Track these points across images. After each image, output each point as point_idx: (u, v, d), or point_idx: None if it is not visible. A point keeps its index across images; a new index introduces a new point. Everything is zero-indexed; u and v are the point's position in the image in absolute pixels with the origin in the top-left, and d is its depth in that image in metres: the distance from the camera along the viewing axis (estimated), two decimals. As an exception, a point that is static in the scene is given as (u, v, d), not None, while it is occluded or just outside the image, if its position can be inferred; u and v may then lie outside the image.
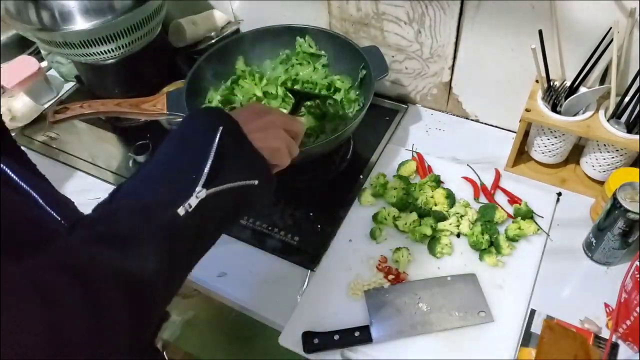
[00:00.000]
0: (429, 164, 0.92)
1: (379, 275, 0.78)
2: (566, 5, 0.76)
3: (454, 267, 0.78)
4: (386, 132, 1.00)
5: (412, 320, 0.72)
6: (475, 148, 0.96)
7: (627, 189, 0.70)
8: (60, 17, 0.88)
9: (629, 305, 0.66)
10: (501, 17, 0.83)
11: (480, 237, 0.79)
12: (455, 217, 0.82)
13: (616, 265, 0.77)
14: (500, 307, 0.73)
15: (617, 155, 0.81)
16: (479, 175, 0.89)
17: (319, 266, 0.80)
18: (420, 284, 0.76)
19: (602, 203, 0.79)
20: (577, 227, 0.82)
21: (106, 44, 0.93)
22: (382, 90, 1.07)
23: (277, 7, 1.05)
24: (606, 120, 0.79)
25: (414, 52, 0.97)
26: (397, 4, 0.90)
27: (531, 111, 0.82)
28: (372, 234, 0.82)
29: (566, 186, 0.88)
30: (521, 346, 0.70)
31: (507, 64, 0.89)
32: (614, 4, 0.73)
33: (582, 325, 0.71)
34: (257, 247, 0.84)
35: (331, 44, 0.96)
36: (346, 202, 0.88)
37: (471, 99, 1.00)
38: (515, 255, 0.79)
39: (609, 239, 0.73)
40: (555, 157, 0.88)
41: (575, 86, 0.81)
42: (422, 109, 1.06)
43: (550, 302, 0.74)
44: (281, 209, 0.89)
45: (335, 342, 0.70)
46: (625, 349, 0.69)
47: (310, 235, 0.85)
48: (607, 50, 0.76)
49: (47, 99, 1.16)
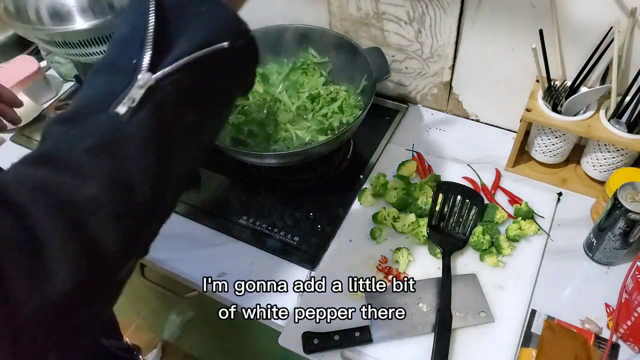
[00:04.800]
0: (429, 164, 0.92)
1: (379, 276, 0.77)
2: (567, 5, 0.76)
3: (454, 268, 0.78)
4: (386, 132, 1.00)
5: (412, 321, 0.72)
6: (476, 148, 0.96)
7: (627, 189, 0.70)
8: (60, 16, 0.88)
9: (630, 305, 0.66)
10: (502, 17, 0.83)
11: (480, 237, 0.78)
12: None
13: (617, 266, 0.77)
14: (501, 307, 0.73)
15: (617, 155, 0.81)
16: (479, 175, 0.89)
17: (319, 266, 0.80)
18: (420, 284, 0.76)
19: (603, 203, 0.78)
20: (578, 227, 0.82)
21: (106, 43, 0.92)
22: (383, 90, 1.07)
23: (277, 6, 1.05)
24: (607, 120, 0.79)
25: (414, 51, 0.96)
26: (397, 4, 0.90)
27: (532, 111, 0.82)
28: (372, 234, 0.82)
29: (567, 186, 0.88)
30: (522, 346, 0.70)
31: (508, 64, 0.89)
32: (615, 4, 0.73)
33: (583, 325, 0.71)
34: (257, 247, 0.84)
35: (332, 45, 0.96)
36: (346, 202, 0.88)
37: (471, 99, 1.00)
38: (516, 255, 0.79)
39: (610, 239, 0.73)
40: (555, 157, 0.88)
41: (575, 86, 0.81)
42: (422, 108, 1.05)
43: (550, 302, 0.74)
44: (281, 209, 0.89)
45: (335, 342, 0.69)
46: (626, 349, 0.69)
47: (310, 235, 0.85)
48: (608, 49, 0.76)
49: (47, 98, 1.16)
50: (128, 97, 0.33)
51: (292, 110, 0.91)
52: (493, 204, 0.84)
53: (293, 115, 0.90)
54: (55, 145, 0.34)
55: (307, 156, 0.83)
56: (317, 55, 0.98)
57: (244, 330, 1.04)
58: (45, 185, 0.31)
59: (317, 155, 0.85)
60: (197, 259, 0.83)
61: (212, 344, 1.35)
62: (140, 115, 0.33)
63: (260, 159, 0.84)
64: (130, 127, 0.33)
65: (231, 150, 0.82)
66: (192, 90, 0.36)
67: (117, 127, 0.33)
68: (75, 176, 0.32)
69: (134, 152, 0.33)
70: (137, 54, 0.34)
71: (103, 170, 0.32)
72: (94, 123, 0.34)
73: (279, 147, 0.88)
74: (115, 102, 0.33)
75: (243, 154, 0.83)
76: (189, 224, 0.88)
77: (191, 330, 1.37)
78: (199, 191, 0.94)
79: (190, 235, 0.86)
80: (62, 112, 0.35)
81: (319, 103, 0.91)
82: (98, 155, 0.33)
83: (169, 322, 1.40)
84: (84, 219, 0.31)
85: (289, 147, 0.87)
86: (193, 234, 0.87)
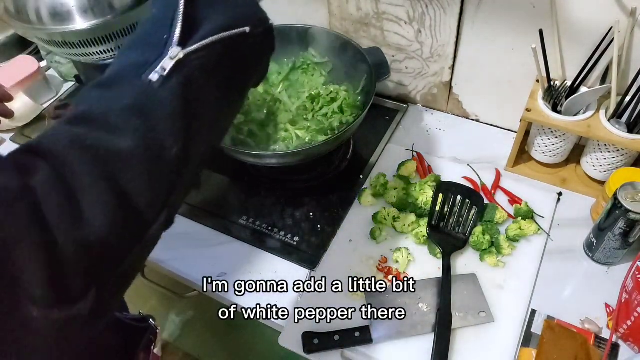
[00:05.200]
0: (429, 164, 0.92)
1: (379, 276, 0.77)
2: (567, 5, 0.76)
3: (454, 268, 0.78)
4: (386, 132, 1.00)
5: (412, 321, 0.72)
6: (476, 148, 0.96)
7: (628, 189, 0.70)
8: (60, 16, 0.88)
9: (630, 305, 0.66)
10: (502, 17, 0.83)
11: (480, 237, 0.78)
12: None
13: (617, 266, 0.77)
14: (501, 307, 0.73)
15: (617, 155, 0.81)
16: (479, 175, 0.89)
17: (319, 266, 0.80)
18: (420, 284, 0.76)
19: (603, 203, 0.78)
20: (578, 227, 0.82)
21: (106, 43, 0.92)
22: (383, 90, 1.07)
23: (277, 6, 1.05)
24: (607, 120, 0.79)
25: (414, 51, 0.96)
26: (397, 4, 0.90)
27: (532, 111, 0.82)
28: (372, 234, 0.82)
29: (567, 186, 0.88)
30: (522, 346, 0.70)
31: (508, 64, 0.89)
32: (615, 4, 0.73)
33: (583, 325, 0.71)
34: (257, 247, 0.84)
35: (332, 45, 0.96)
36: (346, 202, 0.88)
37: (471, 99, 1.00)
38: (516, 255, 0.79)
39: (610, 239, 0.73)
40: (555, 157, 0.88)
41: (575, 86, 0.81)
42: (422, 108, 1.05)
43: (550, 302, 0.74)
44: (281, 209, 0.89)
45: (335, 342, 0.69)
46: (626, 349, 0.69)
47: (310, 235, 0.84)
48: (608, 49, 0.76)
49: (47, 98, 1.16)
50: (160, 67, 0.36)
51: (292, 110, 0.91)
52: (493, 204, 0.84)
53: (293, 115, 0.90)
54: (90, 106, 0.37)
55: (307, 156, 0.83)
56: (317, 55, 0.98)
57: (244, 330, 1.04)
58: (82, 140, 0.34)
59: (317, 155, 0.85)
60: (197, 259, 0.83)
61: (212, 343, 1.35)
62: (170, 84, 0.37)
63: (260, 159, 0.84)
64: (161, 93, 0.36)
65: (231, 150, 0.82)
66: (216, 68, 0.40)
67: (149, 92, 0.36)
68: (111, 132, 0.35)
69: (164, 116, 0.36)
70: (168, 31, 0.38)
71: (137, 128, 0.35)
72: (128, 88, 0.37)
73: (279, 147, 0.88)
74: (148, 71, 0.37)
75: (243, 154, 0.83)
76: (189, 224, 0.88)
77: (191, 330, 1.36)
78: (198, 191, 0.94)
79: (190, 235, 0.86)
80: (97, 79, 0.38)
81: (319, 103, 0.90)
82: (132, 116, 0.36)
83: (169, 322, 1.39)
84: (118, 172, 0.34)
85: (289, 147, 0.87)
86: (193, 234, 0.87)
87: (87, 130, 0.35)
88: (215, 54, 0.39)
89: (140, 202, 0.35)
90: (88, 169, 0.33)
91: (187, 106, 0.37)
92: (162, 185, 0.37)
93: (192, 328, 1.34)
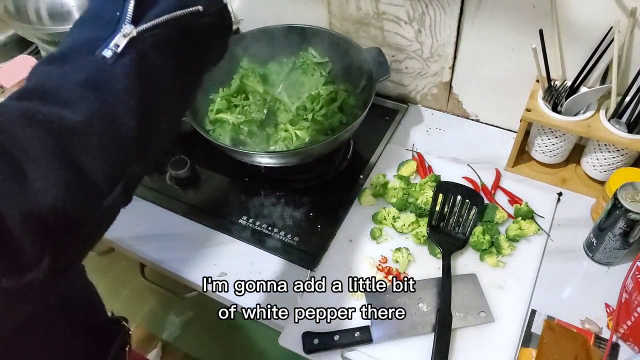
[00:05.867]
0: (429, 164, 0.92)
1: (379, 275, 0.77)
2: (567, 5, 0.76)
3: (454, 268, 0.78)
4: (386, 132, 1.00)
5: (412, 321, 0.72)
6: (476, 148, 0.96)
7: (628, 189, 0.70)
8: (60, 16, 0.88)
9: (630, 305, 0.66)
10: (502, 17, 0.83)
11: (480, 237, 0.78)
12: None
13: (617, 266, 0.77)
14: (501, 307, 0.73)
15: (617, 155, 0.81)
16: (479, 175, 0.89)
17: (319, 266, 0.80)
18: (420, 284, 0.76)
19: (603, 203, 0.78)
20: (578, 227, 0.82)
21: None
22: (383, 90, 1.07)
23: (277, 6, 1.05)
24: (607, 120, 0.79)
25: (414, 51, 0.96)
26: (397, 4, 0.90)
27: (532, 111, 0.82)
28: (372, 234, 0.82)
29: (567, 186, 0.88)
30: (522, 346, 0.70)
31: (508, 64, 0.89)
32: (615, 4, 0.73)
33: (583, 325, 0.71)
34: (257, 247, 0.84)
35: (332, 45, 0.96)
36: (346, 202, 0.88)
37: (471, 99, 1.00)
38: (516, 255, 0.79)
39: (610, 239, 0.73)
40: (555, 157, 0.88)
41: (576, 86, 0.81)
42: (422, 108, 1.05)
43: (550, 302, 0.74)
44: (281, 209, 0.89)
45: (335, 342, 0.69)
46: (626, 349, 0.69)
47: (310, 235, 0.84)
48: (608, 49, 0.76)
49: (47, 98, 1.16)
50: (113, 44, 0.37)
51: (292, 110, 0.91)
52: (493, 204, 0.84)
53: (293, 116, 0.90)
54: (42, 81, 0.37)
55: (307, 156, 0.83)
56: (317, 55, 0.98)
57: (244, 330, 1.04)
58: (32, 113, 0.34)
59: (317, 155, 0.85)
60: (197, 259, 0.83)
61: (212, 344, 1.35)
62: (124, 60, 0.37)
63: (260, 159, 0.84)
64: (114, 69, 0.37)
65: (231, 150, 0.82)
66: (170, 46, 0.40)
67: (103, 68, 0.37)
68: (63, 106, 0.35)
69: (118, 92, 0.37)
70: (121, 8, 0.38)
71: (90, 103, 0.36)
72: (81, 63, 0.37)
73: (279, 147, 0.88)
74: (101, 48, 0.37)
75: (243, 154, 0.83)
76: (189, 224, 0.88)
77: (191, 330, 1.36)
78: (198, 191, 0.94)
79: (190, 235, 0.86)
80: (48, 54, 0.38)
81: (319, 103, 0.90)
82: (86, 91, 0.36)
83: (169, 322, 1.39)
84: (70, 145, 0.34)
85: (288, 147, 0.87)
86: (193, 234, 0.87)
87: (38, 104, 0.35)
88: (168, 31, 0.40)
89: (93, 173, 0.35)
90: (37, 141, 0.33)
91: (141, 82, 0.38)
92: (118, 158, 0.37)
93: (191, 328, 1.34)
